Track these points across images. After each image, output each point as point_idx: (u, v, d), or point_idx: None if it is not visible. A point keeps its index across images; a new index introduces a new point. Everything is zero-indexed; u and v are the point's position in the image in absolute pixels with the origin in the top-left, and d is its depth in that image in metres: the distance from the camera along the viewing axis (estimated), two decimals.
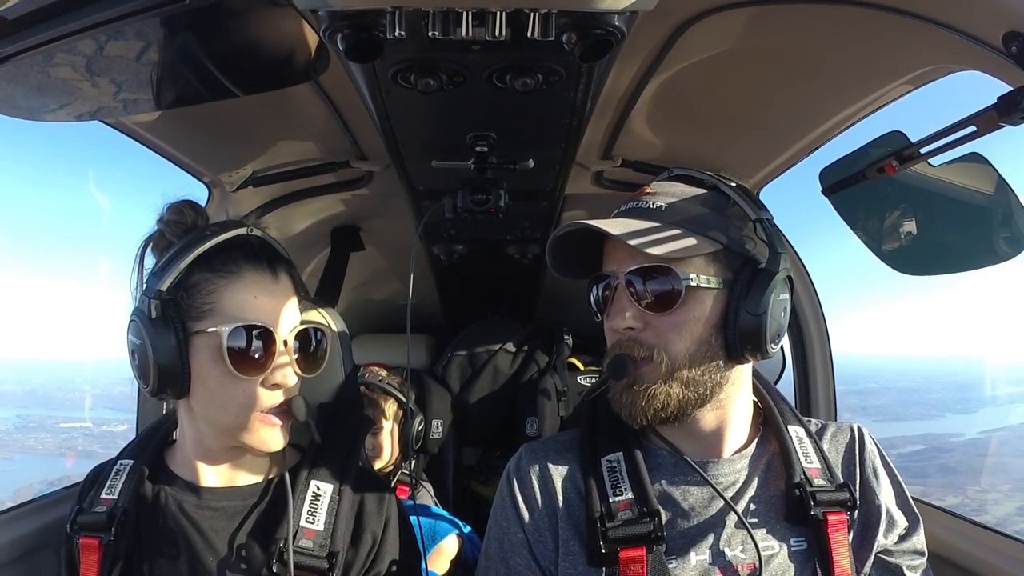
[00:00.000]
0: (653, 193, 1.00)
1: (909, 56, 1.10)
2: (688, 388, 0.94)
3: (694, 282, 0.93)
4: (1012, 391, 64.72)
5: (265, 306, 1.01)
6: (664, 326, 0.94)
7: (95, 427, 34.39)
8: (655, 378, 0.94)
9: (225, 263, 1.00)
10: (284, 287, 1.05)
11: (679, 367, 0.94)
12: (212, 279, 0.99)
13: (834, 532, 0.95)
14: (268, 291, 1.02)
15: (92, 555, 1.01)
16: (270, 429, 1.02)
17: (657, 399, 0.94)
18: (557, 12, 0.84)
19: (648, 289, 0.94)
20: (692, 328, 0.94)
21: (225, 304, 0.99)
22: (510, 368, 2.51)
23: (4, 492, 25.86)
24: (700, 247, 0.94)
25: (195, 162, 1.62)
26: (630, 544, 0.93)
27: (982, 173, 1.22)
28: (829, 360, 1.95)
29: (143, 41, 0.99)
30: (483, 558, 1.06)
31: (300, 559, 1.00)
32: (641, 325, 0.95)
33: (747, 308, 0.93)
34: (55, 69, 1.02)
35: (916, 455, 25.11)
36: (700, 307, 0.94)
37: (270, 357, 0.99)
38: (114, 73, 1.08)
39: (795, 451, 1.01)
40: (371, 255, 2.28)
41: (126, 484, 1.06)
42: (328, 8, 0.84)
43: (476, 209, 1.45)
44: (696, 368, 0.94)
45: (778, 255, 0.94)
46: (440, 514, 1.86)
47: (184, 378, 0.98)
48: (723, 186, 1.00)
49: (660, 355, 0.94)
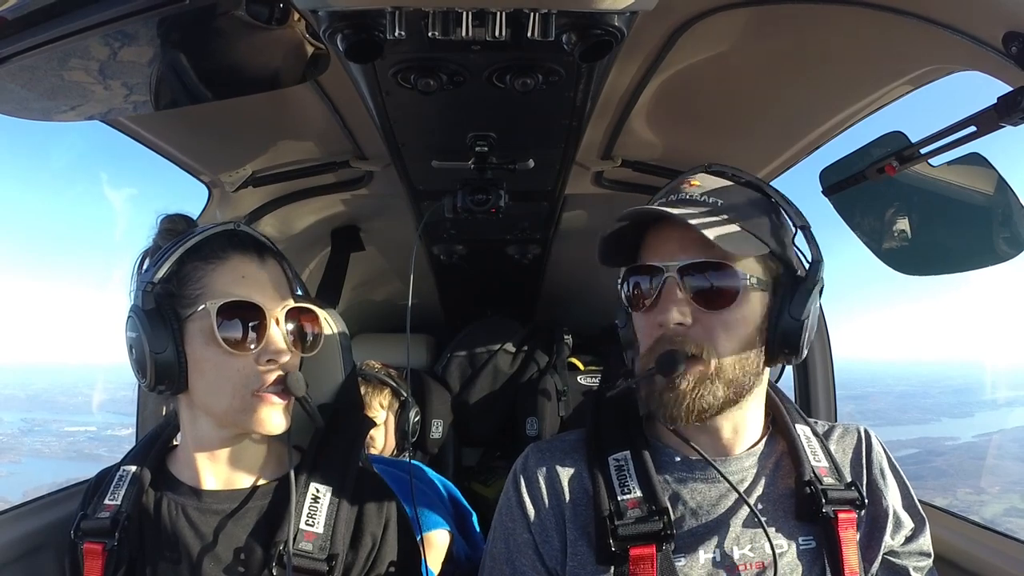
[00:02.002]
0: (699, 185, 0.98)
1: (909, 56, 1.10)
2: (730, 389, 0.93)
3: (750, 281, 0.92)
4: (1010, 395, 64.71)
5: (253, 284, 1.02)
6: (714, 324, 0.92)
7: (99, 431, 34.49)
8: (703, 378, 0.92)
9: (213, 250, 1.03)
10: (272, 272, 1.07)
11: (726, 367, 0.93)
12: (201, 266, 1.02)
13: (844, 530, 0.95)
14: (254, 273, 1.04)
15: (96, 560, 1.02)
16: (269, 408, 1.02)
17: (704, 399, 0.92)
18: (557, 12, 0.84)
19: (703, 284, 0.92)
20: (740, 328, 0.93)
21: (214, 286, 1.01)
22: (510, 368, 2.51)
23: (14, 493, 25.93)
24: (754, 246, 0.92)
25: (195, 162, 1.62)
26: (640, 542, 0.92)
27: (982, 173, 1.22)
28: (830, 363, 1.95)
29: (143, 41, 0.99)
30: (488, 558, 1.06)
31: (300, 561, 1.00)
32: (691, 321, 0.92)
33: (791, 313, 0.93)
34: (55, 69, 1.02)
35: (909, 459, 25.26)
36: (750, 307, 0.94)
37: (262, 331, 1.00)
38: (114, 73, 1.08)
39: (803, 449, 1.00)
40: (371, 255, 2.28)
41: (129, 490, 1.07)
42: (328, 8, 0.84)
43: (476, 209, 1.45)
44: (739, 369, 0.94)
45: (819, 264, 0.94)
46: (439, 489, 1.84)
47: (180, 368, 1.00)
48: (767, 188, 1.00)
49: (710, 354, 0.92)
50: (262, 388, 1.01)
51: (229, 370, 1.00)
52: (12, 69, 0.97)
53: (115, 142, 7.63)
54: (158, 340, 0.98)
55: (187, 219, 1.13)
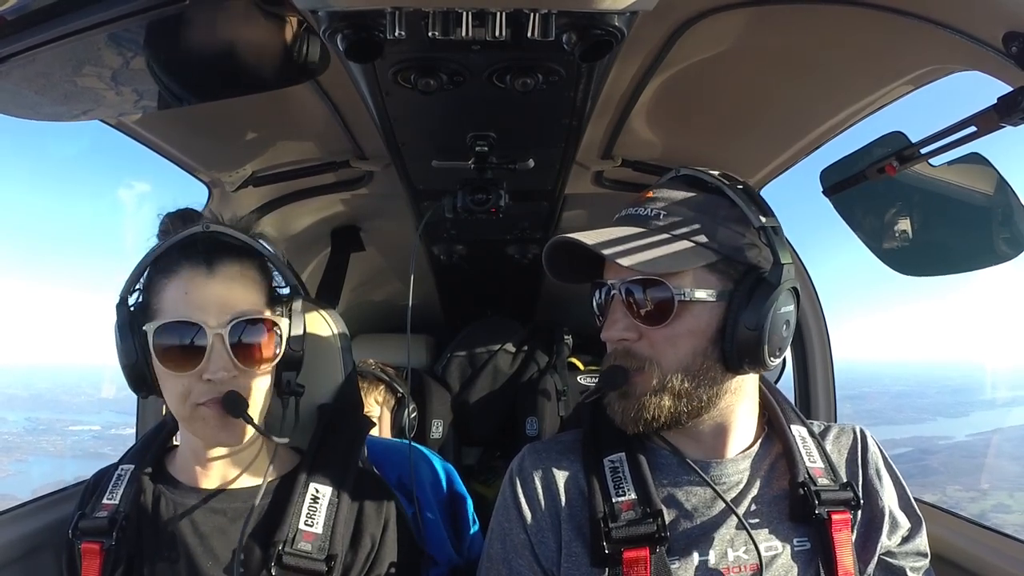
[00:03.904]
0: (654, 199, 0.98)
1: (909, 56, 1.10)
2: (680, 400, 0.94)
3: (687, 296, 0.91)
4: (1008, 395, 64.67)
5: (195, 300, 1.00)
6: (658, 338, 0.94)
7: (103, 430, 34.56)
8: (645, 390, 0.94)
9: (168, 263, 1.03)
10: (221, 280, 1.02)
11: (671, 380, 0.93)
12: (159, 280, 1.03)
13: (838, 531, 0.95)
14: (200, 285, 1.01)
15: (94, 560, 1.02)
16: (209, 424, 1.01)
17: (647, 410, 0.94)
18: (557, 12, 0.84)
19: (642, 301, 0.93)
20: (686, 341, 0.93)
21: (164, 303, 1.01)
22: (510, 368, 2.51)
23: (23, 491, 25.94)
24: (695, 259, 0.92)
25: (195, 162, 1.62)
26: (634, 544, 0.93)
27: (982, 173, 1.22)
28: (829, 363, 1.94)
29: (143, 41, 0.99)
30: (485, 559, 1.06)
31: (298, 562, 1.00)
32: (635, 336, 0.95)
33: (744, 322, 0.90)
34: (56, 69, 1.02)
35: (902, 457, 25.36)
36: (694, 320, 0.93)
37: (199, 351, 0.98)
38: (114, 73, 1.08)
39: (799, 451, 1.00)
40: (371, 255, 2.28)
41: (127, 489, 1.07)
42: (328, 8, 0.84)
43: (476, 209, 1.45)
44: (690, 381, 0.93)
45: (781, 266, 0.90)
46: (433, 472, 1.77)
47: (150, 378, 1.02)
48: (728, 190, 0.96)
49: (652, 367, 0.94)
50: (198, 403, 1.00)
51: (175, 386, 1.01)
52: (12, 69, 0.97)
53: (116, 143, 7.68)
54: (125, 352, 1.01)
55: (184, 216, 1.11)
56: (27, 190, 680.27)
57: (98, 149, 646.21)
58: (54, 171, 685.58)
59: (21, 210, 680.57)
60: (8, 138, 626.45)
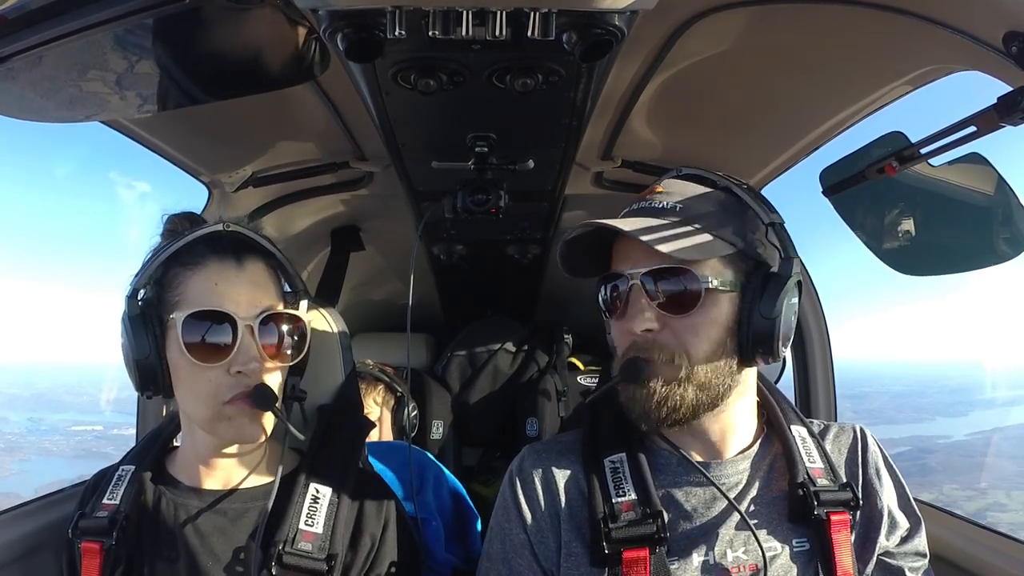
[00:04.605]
0: (665, 192, 0.99)
1: (909, 56, 1.10)
2: (702, 391, 0.94)
3: (712, 284, 0.92)
4: (1007, 395, 64.69)
5: (226, 292, 1.00)
6: (682, 328, 0.94)
7: (106, 430, 34.57)
8: (672, 379, 0.94)
9: (192, 256, 1.03)
10: (250, 275, 1.04)
11: (696, 370, 0.94)
12: (181, 272, 1.02)
13: (837, 532, 0.95)
14: (230, 279, 1.02)
15: (94, 559, 1.02)
16: (240, 420, 1.00)
17: (671, 400, 0.94)
18: (557, 12, 0.84)
19: (665, 290, 0.94)
20: (709, 330, 0.94)
21: (189, 294, 1.00)
22: (510, 368, 2.51)
23: (26, 490, 25.92)
24: (717, 248, 0.94)
25: (195, 163, 1.62)
26: (633, 545, 0.93)
27: (982, 173, 1.22)
28: (829, 362, 1.94)
29: (143, 41, 0.99)
30: (485, 559, 1.06)
31: (299, 561, 1.00)
32: (659, 326, 0.94)
33: (761, 311, 0.93)
34: (55, 69, 1.02)
35: (900, 456, 25.43)
36: (716, 310, 0.94)
37: (231, 343, 0.98)
38: (114, 73, 1.08)
39: (798, 451, 1.01)
40: (371, 255, 2.27)
41: (128, 489, 1.07)
42: (328, 8, 0.84)
43: (476, 209, 1.45)
44: (712, 371, 0.94)
45: (791, 260, 0.94)
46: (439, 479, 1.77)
47: (163, 373, 1.00)
48: (736, 188, 1.00)
49: (681, 357, 0.94)
50: (227, 399, 0.99)
51: (200, 380, 0.99)
52: (11, 69, 0.97)
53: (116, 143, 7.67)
54: (140, 346, 0.99)
55: (190, 218, 1.12)
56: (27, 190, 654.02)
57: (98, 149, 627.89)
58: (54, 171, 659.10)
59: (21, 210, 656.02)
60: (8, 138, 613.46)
